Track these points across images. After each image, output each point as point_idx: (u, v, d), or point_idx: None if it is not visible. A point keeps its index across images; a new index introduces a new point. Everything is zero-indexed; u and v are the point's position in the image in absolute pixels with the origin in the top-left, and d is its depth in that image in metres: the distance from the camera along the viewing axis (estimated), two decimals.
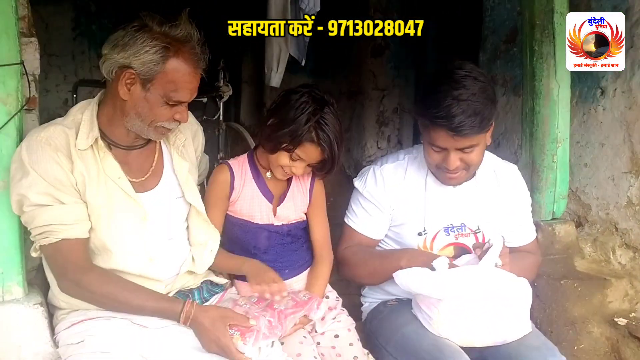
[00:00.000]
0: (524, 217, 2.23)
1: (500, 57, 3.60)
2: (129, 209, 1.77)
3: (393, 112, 5.33)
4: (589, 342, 2.52)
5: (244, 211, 2.00)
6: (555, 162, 2.72)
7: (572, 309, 2.54)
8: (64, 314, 1.79)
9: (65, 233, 1.67)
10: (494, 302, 1.86)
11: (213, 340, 1.67)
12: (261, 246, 2.02)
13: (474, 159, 1.96)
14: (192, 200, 1.89)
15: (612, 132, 2.84)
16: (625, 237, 2.80)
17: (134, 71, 1.65)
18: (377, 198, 2.11)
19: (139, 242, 1.78)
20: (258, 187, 2.01)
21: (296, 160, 1.90)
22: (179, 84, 1.68)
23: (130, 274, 1.76)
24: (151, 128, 1.74)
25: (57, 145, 1.67)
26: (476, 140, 1.91)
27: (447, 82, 1.87)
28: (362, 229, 2.15)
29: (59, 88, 5.28)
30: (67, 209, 1.67)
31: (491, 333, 1.90)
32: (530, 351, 1.87)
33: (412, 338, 1.94)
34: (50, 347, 1.80)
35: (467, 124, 1.83)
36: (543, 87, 2.67)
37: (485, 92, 1.88)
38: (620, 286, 2.64)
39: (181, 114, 1.74)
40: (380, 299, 2.23)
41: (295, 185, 2.07)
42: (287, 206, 2.04)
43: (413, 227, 2.10)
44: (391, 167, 2.14)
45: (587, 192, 2.98)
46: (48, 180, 1.65)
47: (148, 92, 1.67)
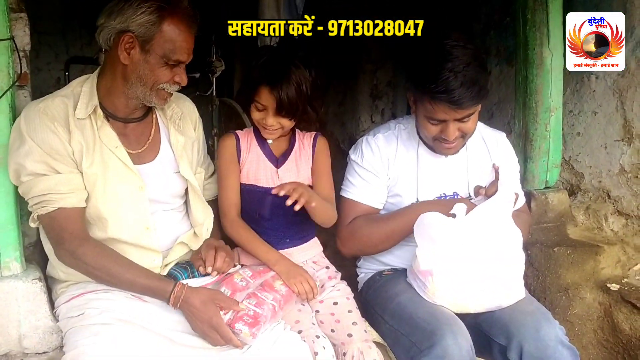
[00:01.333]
0: (515, 180, 2.24)
1: (494, 28, 3.59)
2: (126, 178, 1.78)
3: (387, 86, 5.30)
4: (582, 308, 2.55)
5: (250, 175, 2.02)
6: (548, 131, 2.73)
7: (566, 276, 2.57)
8: (64, 288, 1.81)
9: (62, 202, 1.69)
10: (489, 267, 1.88)
11: (205, 320, 1.68)
12: (265, 213, 2.03)
13: (471, 127, 1.99)
14: (186, 174, 1.90)
15: (605, 100, 2.85)
16: (617, 204, 2.83)
17: (132, 34, 1.69)
18: (374, 166, 2.12)
19: (134, 211, 1.79)
20: (262, 151, 2.04)
21: (262, 111, 1.93)
22: (177, 42, 1.72)
23: (127, 243, 1.78)
24: (153, 92, 1.77)
25: (55, 115, 1.70)
26: (474, 109, 1.94)
27: (438, 55, 1.87)
28: (363, 198, 2.14)
29: (51, 66, 5.23)
30: (63, 178, 1.69)
31: (485, 299, 1.93)
32: (524, 316, 1.90)
33: (408, 306, 1.96)
34: (50, 321, 1.83)
35: (467, 95, 1.85)
36: (536, 56, 2.66)
37: (477, 60, 1.89)
38: (613, 252, 2.66)
39: (180, 75, 1.78)
40: (376, 269, 2.25)
41: (298, 148, 2.08)
42: (289, 167, 2.05)
43: (406, 196, 2.12)
44: (384, 136, 2.16)
45: (580, 161, 2.99)
46: (44, 149, 1.67)
47: (148, 54, 1.71)
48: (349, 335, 1.92)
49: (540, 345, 1.82)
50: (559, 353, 1.83)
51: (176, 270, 1.87)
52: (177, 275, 1.86)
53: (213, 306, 1.70)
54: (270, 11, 3.71)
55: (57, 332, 1.82)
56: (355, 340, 1.91)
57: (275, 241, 2.02)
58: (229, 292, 1.80)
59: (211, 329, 1.68)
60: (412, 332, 1.89)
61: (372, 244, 2.13)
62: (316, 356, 1.80)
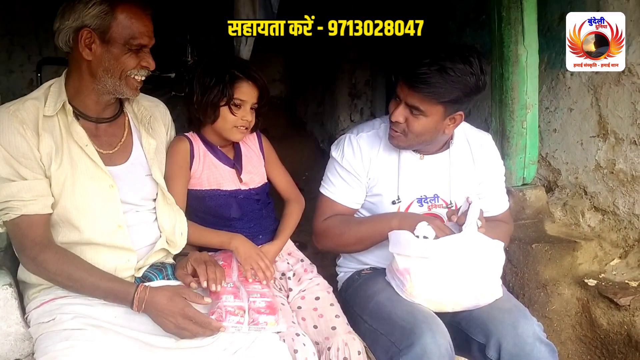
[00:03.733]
0: (496, 187, 2.24)
1: (470, 25, 3.60)
2: (95, 177, 1.75)
3: (365, 85, 5.32)
4: (560, 303, 2.57)
5: (211, 180, 2.02)
6: (525, 128, 2.75)
7: (543, 272, 2.59)
8: (36, 293, 1.77)
9: (25, 209, 1.66)
10: (467, 266, 1.88)
11: (177, 313, 1.64)
12: (235, 215, 2.04)
13: (416, 127, 1.96)
14: (158, 179, 1.88)
15: (580, 97, 2.87)
16: (594, 200, 2.85)
17: (89, 28, 1.68)
18: (354, 167, 2.11)
19: (105, 209, 1.76)
20: (217, 158, 2.04)
21: (240, 107, 1.97)
22: (134, 27, 1.71)
23: (99, 245, 1.75)
24: (122, 81, 1.75)
25: (25, 118, 1.68)
26: (424, 106, 1.91)
27: (445, 49, 1.92)
28: (340, 198, 2.14)
29: (24, 68, 5.17)
30: (26, 185, 1.66)
31: (463, 298, 1.92)
32: (502, 314, 1.90)
33: (386, 305, 1.96)
34: (21, 328, 1.79)
35: (420, 79, 1.87)
36: (512, 54, 2.68)
37: (463, 78, 1.88)
38: (590, 248, 2.69)
39: (147, 59, 1.76)
40: (355, 268, 2.24)
41: (246, 150, 2.11)
42: (249, 170, 2.08)
43: (387, 196, 2.11)
44: (367, 135, 2.14)
45: (557, 157, 3.01)
46: (10, 151, 1.65)
47: (109, 45, 1.70)
48: (333, 328, 1.93)
49: (518, 342, 1.83)
50: (537, 349, 1.83)
51: (151, 272, 1.85)
52: (152, 277, 1.83)
53: (181, 298, 1.67)
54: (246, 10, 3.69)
55: (29, 339, 1.78)
56: (339, 333, 1.91)
57: (249, 238, 2.00)
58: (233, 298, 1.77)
59: (185, 320, 1.65)
60: (391, 332, 1.88)
61: (343, 244, 2.16)
62: (296, 354, 1.79)
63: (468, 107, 2.01)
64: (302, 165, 5.11)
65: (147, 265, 1.84)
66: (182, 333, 1.66)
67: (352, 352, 1.87)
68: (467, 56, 1.90)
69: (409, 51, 1.97)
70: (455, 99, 1.91)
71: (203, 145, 2.04)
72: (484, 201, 2.15)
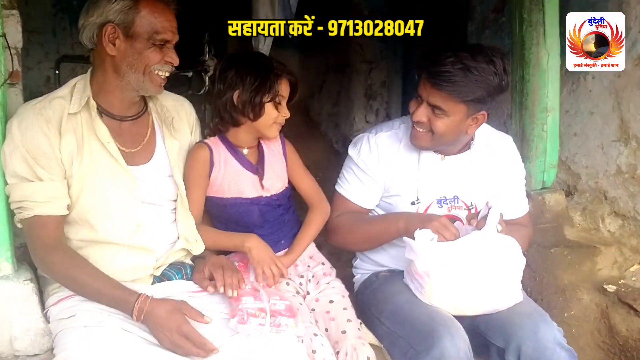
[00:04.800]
0: (517, 190, 2.23)
1: (489, 27, 3.57)
2: (116, 175, 1.76)
3: (381, 86, 5.29)
4: (579, 309, 2.54)
5: (232, 188, 2.00)
6: (545, 132, 2.72)
7: (562, 277, 2.56)
8: (55, 289, 1.78)
9: (37, 210, 1.68)
10: (487, 270, 1.86)
11: (174, 329, 1.62)
12: (257, 222, 2.02)
13: (439, 126, 1.94)
14: (179, 181, 1.88)
15: (602, 100, 2.84)
16: (614, 205, 2.82)
17: (113, 23, 1.69)
18: (371, 167, 2.10)
19: (125, 208, 1.76)
20: (240, 163, 2.01)
21: (281, 103, 1.97)
22: (158, 22, 1.72)
23: (117, 244, 1.75)
24: (146, 77, 1.75)
25: (50, 117, 1.69)
26: (446, 105, 1.90)
27: (468, 49, 1.91)
28: (354, 197, 2.13)
29: (41, 65, 5.17)
30: (40, 186, 1.68)
31: (483, 302, 1.91)
32: (521, 318, 1.89)
33: (405, 307, 1.95)
34: (41, 323, 1.80)
35: (444, 77, 1.86)
36: (533, 56, 2.65)
37: (487, 77, 1.87)
38: (610, 253, 2.66)
39: (170, 55, 1.76)
40: (372, 270, 2.23)
41: (269, 154, 2.08)
42: (270, 175, 2.05)
43: (406, 197, 2.10)
44: (386, 135, 2.13)
45: (577, 161, 2.98)
46: (30, 150, 1.66)
47: (132, 40, 1.71)
48: (343, 332, 1.91)
49: (538, 347, 1.81)
50: (557, 355, 1.81)
51: (170, 271, 1.85)
52: (171, 276, 1.84)
53: (180, 314, 1.65)
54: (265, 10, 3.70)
55: (48, 334, 1.79)
56: (348, 337, 1.89)
57: (271, 245, 2.00)
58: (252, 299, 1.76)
59: (181, 338, 1.62)
60: (409, 334, 1.87)
61: (351, 242, 2.16)
62: (314, 354, 1.78)
63: (491, 108, 2.00)
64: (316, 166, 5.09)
65: (166, 265, 1.85)
66: (176, 350, 1.63)
67: (360, 358, 1.85)
68: (490, 56, 1.89)
69: (431, 50, 1.95)
70: (478, 99, 1.90)
71: (226, 150, 2.01)
72: (504, 204, 2.13)
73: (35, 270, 1.86)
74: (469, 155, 2.12)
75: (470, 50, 1.91)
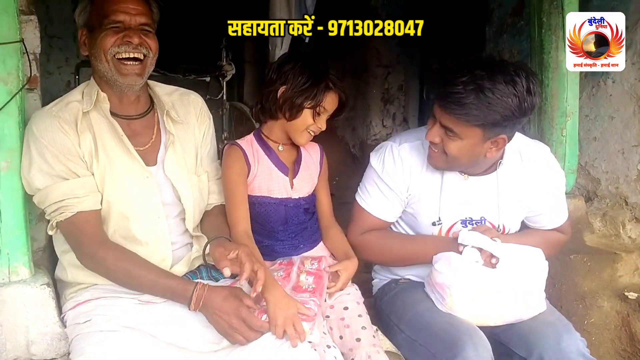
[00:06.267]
0: (554, 201, 2.09)
1: (507, 31, 3.56)
2: (131, 170, 1.77)
3: (398, 90, 5.28)
4: (599, 317, 2.51)
5: (262, 187, 1.99)
6: (564, 136, 2.69)
7: (582, 284, 2.53)
8: (72, 293, 1.78)
9: (80, 206, 1.68)
10: (511, 282, 1.83)
11: (232, 312, 1.61)
12: (281, 224, 2.01)
13: (451, 149, 1.82)
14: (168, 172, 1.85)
15: (622, 104, 2.81)
16: (635, 211, 2.79)
17: (82, 27, 1.76)
18: (395, 181, 2.00)
19: (143, 202, 1.77)
20: (272, 162, 2.01)
21: (321, 115, 1.96)
22: (107, 6, 1.73)
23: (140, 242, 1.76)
24: (111, 65, 1.73)
25: (67, 118, 1.71)
26: (458, 128, 1.78)
27: (487, 66, 1.74)
28: (376, 211, 2.05)
29: (61, 70, 5.25)
30: (79, 182, 1.69)
31: (506, 313, 1.88)
32: (544, 327, 1.85)
33: (426, 315, 1.91)
34: (58, 328, 1.80)
35: (453, 99, 1.73)
36: (552, 60, 2.63)
37: (503, 100, 1.71)
38: (631, 260, 2.63)
39: (129, 34, 1.72)
40: (391, 277, 2.20)
41: (307, 157, 2.08)
42: (303, 177, 2.04)
43: (427, 216, 2.02)
44: (411, 146, 2.01)
45: (597, 166, 2.95)
46: (58, 149, 1.68)
47: (93, 34, 1.74)
48: (357, 339, 1.88)
49: (561, 357, 1.77)
50: None
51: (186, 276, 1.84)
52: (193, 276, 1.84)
53: (236, 299, 1.64)
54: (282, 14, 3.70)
55: (64, 339, 1.79)
56: (363, 345, 1.87)
57: (291, 249, 2.00)
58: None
59: (239, 321, 1.62)
60: (431, 343, 1.84)
61: (383, 262, 2.13)
62: None
63: (513, 131, 1.85)
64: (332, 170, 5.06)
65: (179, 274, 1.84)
66: (234, 335, 1.63)
67: None
68: (512, 75, 1.72)
69: (445, 66, 1.88)
70: (493, 123, 1.75)
71: (259, 148, 2.01)
72: (540, 217, 2.07)
73: (52, 275, 1.87)
74: (495, 177, 1.98)
75: (489, 67, 1.74)
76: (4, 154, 1.74)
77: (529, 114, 1.79)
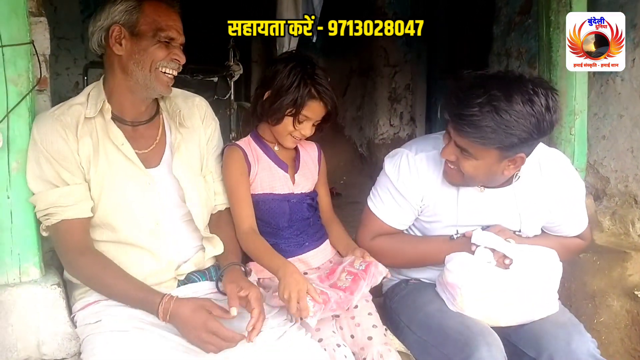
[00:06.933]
0: (573, 211, 2.04)
1: (515, 29, 3.55)
2: (133, 176, 1.77)
3: (405, 89, 5.28)
4: (608, 316, 2.50)
5: (264, 184, 2.00)
6: (573, 135, 2.68)
7: (592, 283, 2.52)
8: (82, 294, 1.79)
9: (64, 214, 1.70)
10: (524, 283, 1.82)
11: (199, 326, 1.60)
12: (285, 220, 2.01)
13: (467, 168, 1.79)
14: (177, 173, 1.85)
15: (631, 103, 2.79)
16: None
17: (118, 24, 1.73)
18: (409, 189, 1.96)
19: (142, 207, 1.77)
20: (271, 159, 2.03)
21: (302, 122, 1.96)
22: (162, 20, 1.74)
23: (141, 248, 1.76)
24: (152, 75, 1.75)
25: (68, 122, 1.72)
26: (474, 150, 1.74)
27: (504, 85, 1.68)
28: (388, 219, 2.02)
29: (70, 71, 5.28)
30: (67, 190, 1.70)
31: (518, 314, 1.88)
32: (555, 328, 1.84)
33: (437, 316, 1.90)
34: (69, 327, 1.80)
35: (468, 122, 1.68)
36: (560, 58, 2.61)
37: (520, 122, 1.66)
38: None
39: (177, 53, 1.77)
40: (401, 277, 2.18)
41: (305, 154, 2.10)
42: (304, 173, 2.06)
43: (445, 225, 1.99)
44: (428, 156, 1.96)
45: (606, 165, 2.94)
46: (53, 154, 1.69)
47: (138, 38, 1.74)
48: (369, 338, 1.88)
49: (571, 359, 1.76)
50: None
51: (194, 275, 1.86)
52: (195, 279, 1.85)
53: (204, 311, 1.64)
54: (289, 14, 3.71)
55: (75, 339, 1.80)
56: (375, 343, 1.87)
57: (296, 247, 2.01)
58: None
59: (208, 334, 1.61)
60: (443, 343, 1.83)
61: (395, 266, 2.08)
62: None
63: (532, 148, 1.79)
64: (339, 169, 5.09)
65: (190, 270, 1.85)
66: (206, 347, 1.62)
67: None
68: (530, 94, 1.66)
69: (459, 84, 1.75)
70: (510, 145, 1.70)
71: (257, 147, 2.03)
72: (560, 227, 2.04)
73: (63, 275, 1.88)
74: (512, 189, 1.93)
75: (505, 87, 1.67)
76: (15, 155, 1.74)
77: (548, 133, 1.74)
